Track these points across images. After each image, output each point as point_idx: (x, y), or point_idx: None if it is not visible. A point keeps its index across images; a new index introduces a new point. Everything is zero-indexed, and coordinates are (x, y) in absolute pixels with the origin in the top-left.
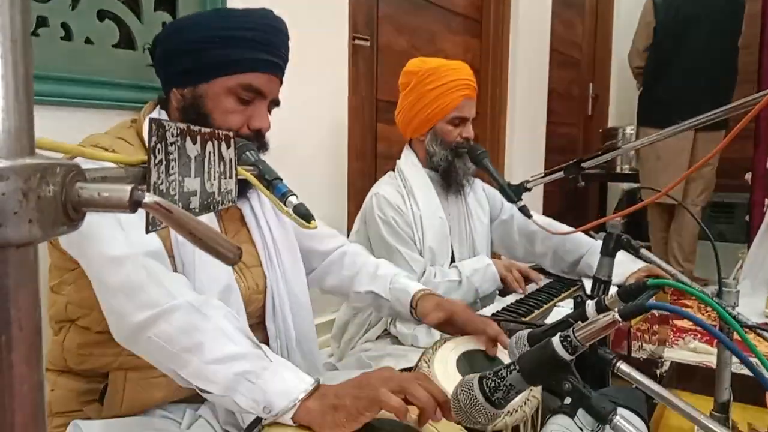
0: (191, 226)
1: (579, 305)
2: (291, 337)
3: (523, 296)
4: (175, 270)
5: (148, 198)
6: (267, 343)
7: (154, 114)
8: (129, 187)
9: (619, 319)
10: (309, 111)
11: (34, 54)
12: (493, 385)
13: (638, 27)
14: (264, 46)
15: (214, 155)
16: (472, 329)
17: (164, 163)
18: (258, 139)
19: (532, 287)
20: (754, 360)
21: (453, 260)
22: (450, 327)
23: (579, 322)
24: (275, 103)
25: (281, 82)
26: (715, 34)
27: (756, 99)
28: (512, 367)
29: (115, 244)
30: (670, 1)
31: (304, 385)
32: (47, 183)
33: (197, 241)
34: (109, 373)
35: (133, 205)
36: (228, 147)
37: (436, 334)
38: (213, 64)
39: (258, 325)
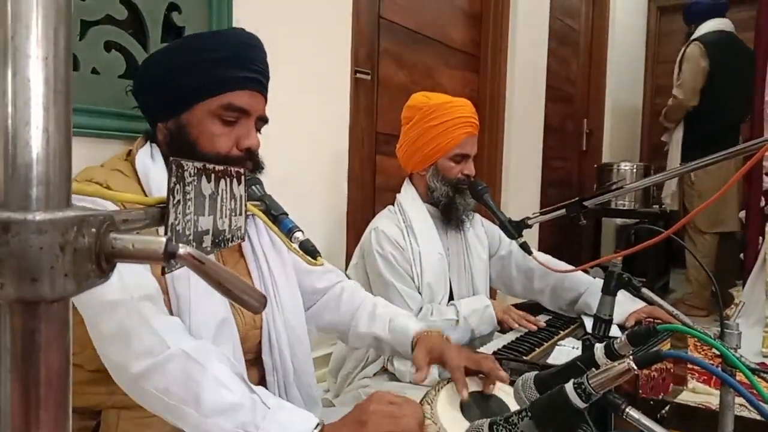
0: (220, 277)
1: (587, 348)
2: (288, 371)
3: (522, 334)
4: (169, 305)
5: (182, 250)
6: (264, 377)
7: (146, 150)
8: (164, 239)
9: (635, 368)
10: (311, 142)
11: None
12: (504, 431)
13: (690, 70)
14: (238, 62)
15: (227, 192)
16: (471, 365)
17: (182, 203)
18: (250, 159)
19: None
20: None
21: (451, 296)
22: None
23: (591, 368)
24: (263, 120)
25: (266, 98)
26: (745, 77)
27: (759, 143)
28: (524, 414)
29: (109, 287)
30: (712, 52)
31: (307, 428)
32: (83, 235)
33: (225, 291)
34: (102, 411)
35: (168, 256)
36: (239, 184)
37: (435, 373)
38: (189, 91)
39: (255, 360)
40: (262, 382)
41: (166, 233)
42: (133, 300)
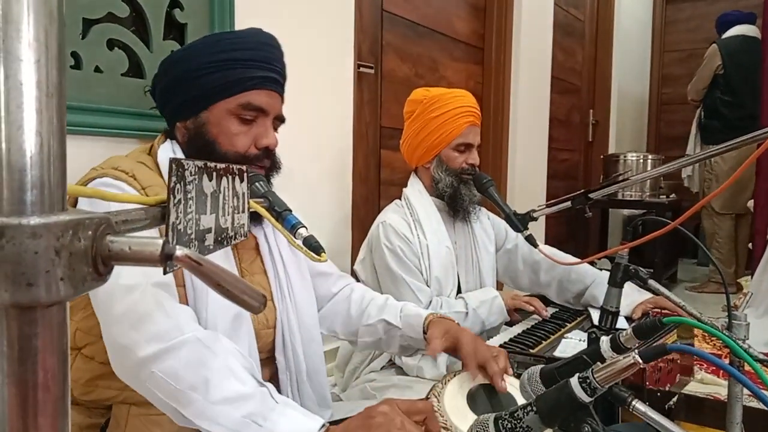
0: (219, 278)
1: (593, 341)
2: (302, 370)
3: (529, 326)
4: (185, 299)
5: (180, 251)
6: (276, 376)
7: (167, 146)
8: (160, 241)
9: (640, 362)
10: (315, 137)
11: None
12: (509, 426)
13: (703, 71)
14: (257, 63)
15: (229, 190)
16: (478, 361)
17: (183, 202)
18: (268, 157)
19: (533, 318)
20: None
21: (459, 289)
22: (456, 355)
23: (597, 361)
24: (280, 119)
25: (283, 98)
26: (755, 75)
27: (765, 133)
28: (529, 408)
29: (126, 272)
30: (729, 51)
31: (314, 426)
32: (78, 238)
33: (224, 291)
34: (113, 407)
35: (165, 259)
36: (242, 181)
37: (442, 366)
38: (209, 90)
39: (267, 359)
40: (274, 381)
41: (167, 233)
42: (149, 285)
